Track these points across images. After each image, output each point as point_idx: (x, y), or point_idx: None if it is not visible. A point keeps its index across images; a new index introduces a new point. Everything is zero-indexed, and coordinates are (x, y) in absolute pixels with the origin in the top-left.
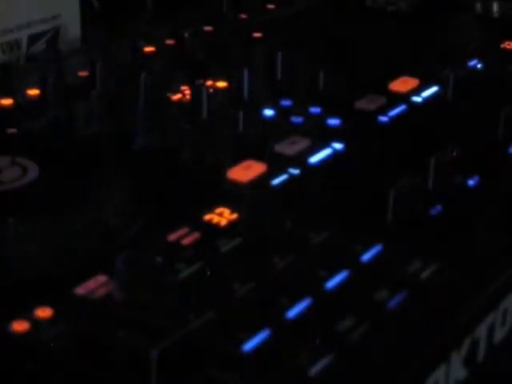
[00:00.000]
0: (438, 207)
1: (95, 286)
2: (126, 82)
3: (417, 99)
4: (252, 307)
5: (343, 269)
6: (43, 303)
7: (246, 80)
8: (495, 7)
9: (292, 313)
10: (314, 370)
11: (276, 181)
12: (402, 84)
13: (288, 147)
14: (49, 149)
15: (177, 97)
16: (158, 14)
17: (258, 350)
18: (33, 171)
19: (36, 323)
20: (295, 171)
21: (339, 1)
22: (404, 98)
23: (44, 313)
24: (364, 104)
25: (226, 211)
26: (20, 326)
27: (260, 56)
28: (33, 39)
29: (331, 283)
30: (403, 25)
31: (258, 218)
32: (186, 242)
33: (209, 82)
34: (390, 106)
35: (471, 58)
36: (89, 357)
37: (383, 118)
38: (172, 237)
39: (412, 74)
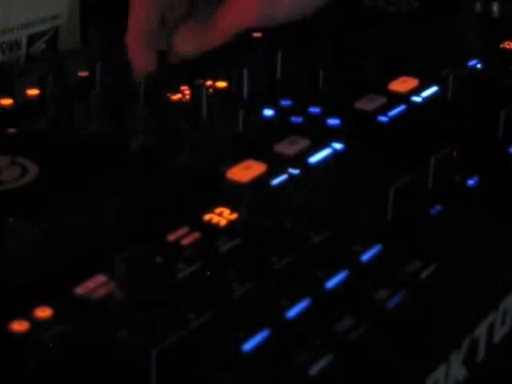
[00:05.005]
0: (438, 207)
1: (95, 286)
2: (125, 82)
3: (417, 99)
4: (252, 307)
5: (343, 269)
6: (43, 303)
7: (245, 80)
8: (495, 7)
9: (292, 313)
10: (314, 369)
11: (276, 181)
12: (401, 84)
13: (288, 147)
14: (49, 149)
15: (177, 97)
16: None
17: (257, 349)
18: (33, 171)
19: (36, 323)
20: (295, 171)
21: (339, 1)
22: (404, 97)
23: (44, 313)
24: (364, 104)
25: (226, 211)
26: (20, 325)
27: (260, 56)
28: (33, 39)
29: (331, 283)
30: (403, 25)
31: (257, 218)
32: (185, 241)
33: (209, 82)
34: (390, 106)
35: (471, 58)
36: (89, 357)
37: (383, 118)
38: (172, 237)
39: (412, 74)
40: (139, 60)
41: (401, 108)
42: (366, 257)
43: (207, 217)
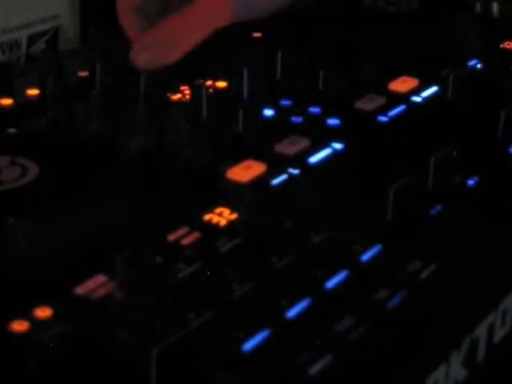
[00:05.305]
0: (438, 207)
1: (95, 286)
2: (125, 82)
3: (417, 99)
4: (252, 307)
5: (343, 269)
6: (43, 303)
7: (245, 80)
8: (495, 7)
9: (292, 313)
10: (314, 369)
11: (276, 181)
12: (401, 84)
13: (288, 147)
14: (49, 149)
15: (177, 97)
16: None
17: (257, 349)
18: (33, 171)
19: (36, 323)
20: (295, 171)
21: (339, 1)
22: (404, 98)
23: (44, 313)
24: (364, 104)
25: (226, 211)
26: (20, 325)
27: (260, 56)
28: (33, 39)
29: (331, 283)
30: (403, 25)
31: (257, 218)
32: (185, 241)
33: (209, 82)
34: (390, 106)
35: (471, 58)
36: (89, 357)
37: (383, 118)
38: (172, 237)
39: (412, 74)
40: (134, 31)
41: (401, 108)
42: (366, 257)
43: (207, 217)
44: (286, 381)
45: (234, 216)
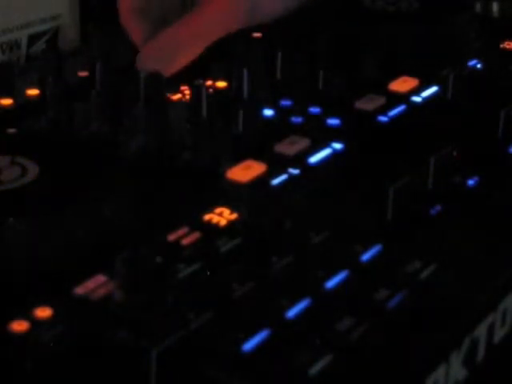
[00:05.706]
0: (438, 207)
1: (95, 286)
2: (125, 82)
3: (417, 99)
4: (252, 307)
5: (343, 269)
6: (43, 303)
7: (245, 80)
8: (495, 7)
9: (292, 313)
10: (314, 369)
11: (276, 181)
12: (401, 84)
13: (288, 147)
14: (49, 149)
15: (177, 97)
16: None
17: (257, 349)
18: (33, 171)
19: (35, 323)
20: (295, 171)
21: (338, 1)
22: (404, 97)
23: (43, 313)
24: (364, 104)
25: (226, 211)
26: (20, 325)
27: (260, 56)
28: (33, 39)
29: (331, 283)
30: (403, 25)
31: (257, 218)
32: (185, 241)
33: (209, 82)
34: (390, 106)
35: (471, 58)
36: (89, 357)
37: (383, 118)
38: (172, 237)
39: (412, 74)
40: (136, 32)
41: (401, 108)
42: (366, 257)
43: (207, 217)
44: (286, 381)
45: (234, 216)
